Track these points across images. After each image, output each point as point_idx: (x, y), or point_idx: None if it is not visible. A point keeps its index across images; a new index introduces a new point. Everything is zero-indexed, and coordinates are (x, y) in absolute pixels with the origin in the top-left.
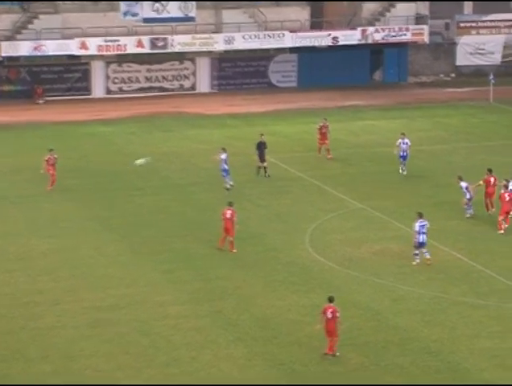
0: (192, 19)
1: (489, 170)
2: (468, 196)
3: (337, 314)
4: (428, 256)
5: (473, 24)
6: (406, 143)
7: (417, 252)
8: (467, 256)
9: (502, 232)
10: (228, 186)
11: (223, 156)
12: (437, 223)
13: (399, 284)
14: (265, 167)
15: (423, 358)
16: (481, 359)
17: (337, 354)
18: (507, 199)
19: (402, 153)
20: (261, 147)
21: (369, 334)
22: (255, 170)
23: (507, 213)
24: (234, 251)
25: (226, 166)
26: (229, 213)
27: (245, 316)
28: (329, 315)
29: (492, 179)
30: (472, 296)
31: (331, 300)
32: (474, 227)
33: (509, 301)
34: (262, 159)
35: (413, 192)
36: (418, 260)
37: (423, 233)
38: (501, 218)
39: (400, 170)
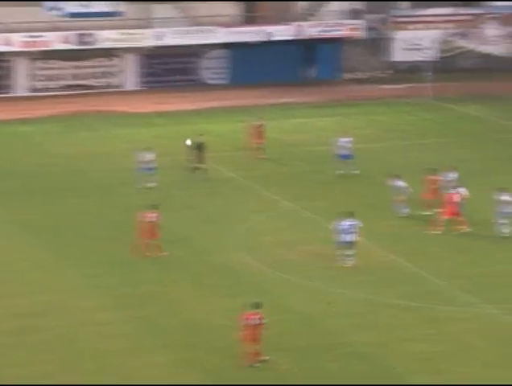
0: (120, 14)
1: (433, 170)
2: (405, 195)
3: (263, 321)
4: (353, 259)
5: (410, 19)
6: (350, 142)
7: (348, 252)
8: (401, 257)
9: (439, 232)
10: (150, 186)
11: (150, 156)
12: (370, 223)
13: (332, 286)
14: (205, 169)
15: (355, 362)
16: (413, 362)
17: (267, 357)
18: (455, 200)
19: (344, 153)
20: (200, 148)
21: (300, 338)
22: (190, 170)
23: (455, 215)
24: (165, 254)
25: (154, 165)
26: (152, 216)
27: (174, 321)
28: (256, 321)
29: (436, 179)
30: (406, 298)
31: (258, 306)
32: (408, 227)
33: (443, 303)
34: (202, 160)
35: (347, 192)
36: (352, 261)
37: (352, 233)
38: (443, 218)
39: (342, 171)
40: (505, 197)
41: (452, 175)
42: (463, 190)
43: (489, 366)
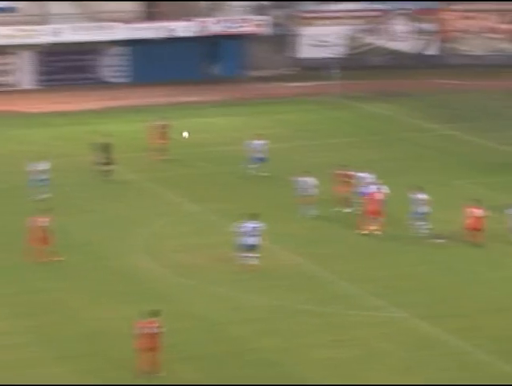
0: (15, 9)
1: (344, 166)
2: (313, 195)
3: (161, 330)
4: (256, 262)
5: (317, 15)
6: (264, 145)
7: (248, 254)
8: (309, 260)
9: (366, 232)
10: (42, 197)
11: (44, 166)
12: (278, 225)
13: (238, 292)
14: (111, 170)
15: (263, 369)
16: (322, 369)
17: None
18: (377, 198)
19: (258, 156)
20: (107, 149)
21: (205, 346)
22: (94, 172)
23: (377, 214)
24: (61, 259)
25: (47, 176)
26: (43, 221)
27: (72, 331)
28: (154, 330)
29: (348, 174)
30: (314, 303)
31: (155, 314)
32: (317, 229)
33: (351, 307)
34: (110, 162)
35: (253, 194)
36: (255, 263)
37: (255, 235)
38: (367, 217)
39: (254, 172)
40: (421, 196)
41: (370, 175)
42: (384, 189)
43: (398, 371)
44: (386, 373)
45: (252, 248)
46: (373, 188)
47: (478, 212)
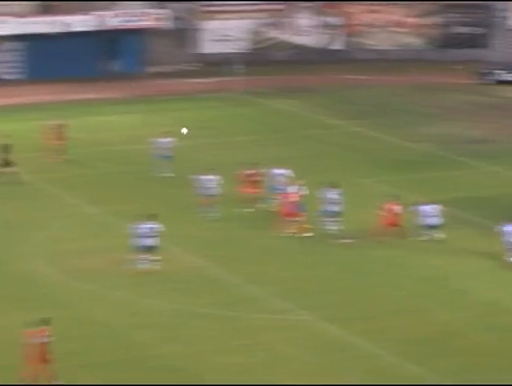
0: None
1: (253, 164)
2: (215, 195)
3: (50, 339)
4: (156, 265)
5: (219, 8)
6: (170, 143)
7: (149, 257)
8: (212, 262)
9: (290, 234)
10: None
11: None
12: (179, 226)
13: (138, 296)
14: (16, 172)
15: (166, 376)
16: (227, 374)
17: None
18: (292, 200)
19: (164, 154)
20: (7, 150)
21: (105, 353)
22: None
23: (292, 215)
24: None
25: None
26: None
27: None
28: (43, 339)
29: (254, 173)
30: (218, 307)
31: (46, 323)
32: (220, 230)
33: (257, 311)
34: (9, 163)
35: (154, 194)
36: (147, 266)
37: (152, 237)
38: (284, 219)
39: (163, 173)
40: (330, 195)
41: (287, 171)
42: (303, 190)
43: (305, 375)
44: (293, 377)
45: (150, 249)
46: (293, 188)
47: (397, 208)
